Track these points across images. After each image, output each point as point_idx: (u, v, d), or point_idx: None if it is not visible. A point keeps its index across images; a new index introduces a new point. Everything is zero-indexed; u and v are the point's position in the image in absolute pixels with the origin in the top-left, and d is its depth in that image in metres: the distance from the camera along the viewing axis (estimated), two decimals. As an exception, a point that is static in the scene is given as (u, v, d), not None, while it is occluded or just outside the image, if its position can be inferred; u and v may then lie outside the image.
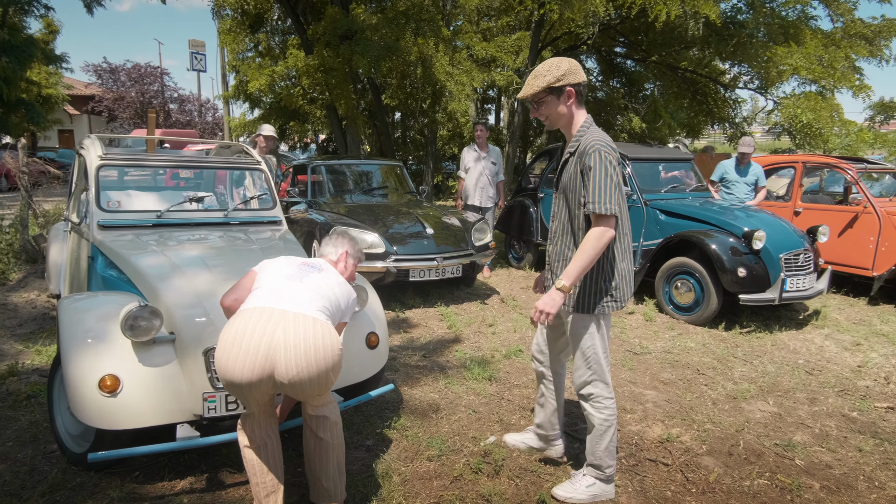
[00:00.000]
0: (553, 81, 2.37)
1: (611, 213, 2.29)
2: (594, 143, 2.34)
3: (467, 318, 5.57)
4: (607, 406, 2.57)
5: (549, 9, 9.62)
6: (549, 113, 2.45)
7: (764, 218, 5.78)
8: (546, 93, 2.41)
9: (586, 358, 2.53)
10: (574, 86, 2.40)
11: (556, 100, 2.42)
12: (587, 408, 2.60)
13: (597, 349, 2.53)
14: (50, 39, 25.15)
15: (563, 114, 2.45)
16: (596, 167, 2.30)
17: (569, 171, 2.45)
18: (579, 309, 2.49)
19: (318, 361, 2.12)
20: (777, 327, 5.48)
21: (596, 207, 2.30)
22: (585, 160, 2.33)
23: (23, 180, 6.76)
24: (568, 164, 2.47)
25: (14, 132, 19.50)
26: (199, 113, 35.96)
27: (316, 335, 2.13)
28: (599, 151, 2.32)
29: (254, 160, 4.31)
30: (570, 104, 2.43)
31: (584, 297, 2.47)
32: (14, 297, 5.44)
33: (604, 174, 2.30)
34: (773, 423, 3.53)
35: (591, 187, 2.30)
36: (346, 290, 2.46)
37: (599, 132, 2.41)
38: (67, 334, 2.53)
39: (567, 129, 2.50)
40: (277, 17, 15.20)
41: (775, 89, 10.88)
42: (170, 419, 2.48)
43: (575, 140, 2.44)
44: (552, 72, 2.38)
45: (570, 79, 2.39)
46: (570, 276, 2.34)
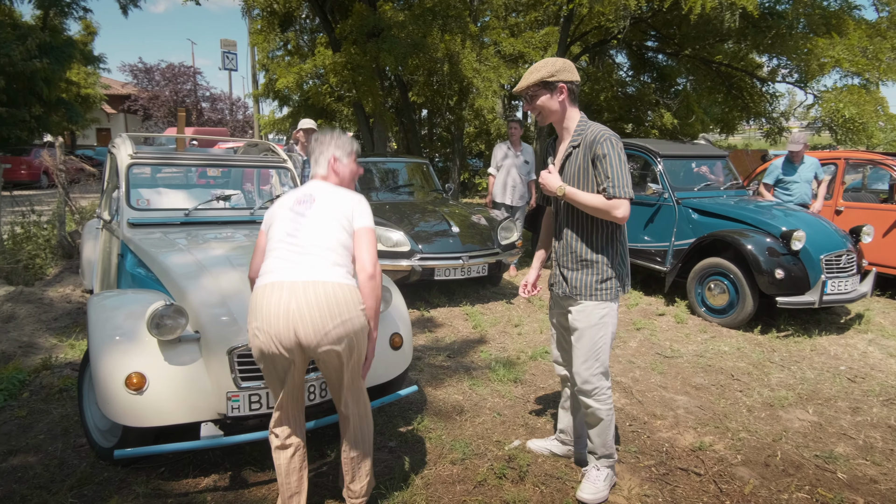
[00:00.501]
0: (546, 76, 2.45)
1: (629, 196, 2.39)
2: (602, 132, 2.43)
3: (493, 317, 5.50)
4: (609, 396, 2.62)
5: (579, 3, 9.47)
6: (541, 107, 2.51)
7: (803, 217, 5.57)
8: (539, 87, 2.48)
9: (596, 349, 2.56)
10: (567, 83, 2.47)
11: (550, 95, 2.49)
12: (591, 403, 2.60)
13: (606, 339, 2.57)
14: (88, 41, 25.82)
15: (554, 109, 2.51)
16: (611, 154, 2.39)
17: (575, 164, 2.50)
18: (595, 297, 2.53)
19: (335, 318, 2.12)
20: (817, 331, 5.29)
21: (617, 191, 2.38)
22: (597, 149, 2.40)
23: (60, 178, 6.93)
24: (572, 157, 2.52)
25: (54, 131, 20.08)
26: (231, 111, 36.56)
27: (328, 296, 2.13)
28: (610, 139, 2.41)
29: (280, 158, 4.32)
30: (562, 100, 2.49)
31: (600, 283, 2.52)
32: (50, 291, 5.57)
33: (619, 160, 2.39)
34: (813, 433, 3.39)
35: (610, 173, 2.38)
36: (345, 204, 2.30)
37: (601, 125, 2.49)
38: (96, 332, 2.56)
39: (559, 124, 2.58)
40: (306, 16, 15.32)
41: (815, 83, 10.51)
42: (194, 417, 2.49)
43: (577, 133, 2.51)
44: (546, 67, 2.47)
45: (564, 76, 2.46)
46: (573, 192, 2.44)
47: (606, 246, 2.52)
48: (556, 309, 2.77)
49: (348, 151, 2.46)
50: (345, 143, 2.46)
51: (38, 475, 2.67)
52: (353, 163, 2.49)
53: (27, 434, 3.05)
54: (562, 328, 2.78)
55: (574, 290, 2.57)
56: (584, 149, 2.47)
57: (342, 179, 2.45)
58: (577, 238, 2.55)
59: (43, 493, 2.53)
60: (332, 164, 2.42)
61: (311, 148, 2.46)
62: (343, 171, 2.45)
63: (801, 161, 6.48)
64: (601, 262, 2.52)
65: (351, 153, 2.48)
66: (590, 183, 2.46)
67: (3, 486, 2.60)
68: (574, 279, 2.57)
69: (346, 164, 2.46)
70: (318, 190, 2.34)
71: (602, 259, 2.52)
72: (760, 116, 12.63)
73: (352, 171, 2.49)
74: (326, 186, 2.37)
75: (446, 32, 10.51)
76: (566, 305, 2.65)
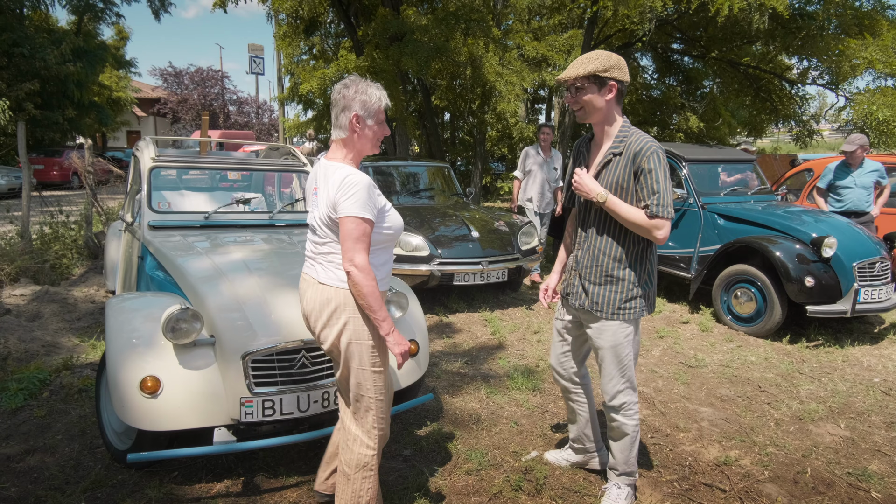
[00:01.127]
0: (599, 69, 2.27)
1: (671, 216, 2.27)
2: (649, 143, 2.28)
3: (512, 324, 5.43)
4: (636, 411, 2.54)
5: (603, 6, 9.35)
6: (586, 103, 2.34)
7: (835, 223, 5.39)
8: (589, 80, 2.30)
9: (622, 367, 2.46)
10: (619, 82, 2.31)
11: (597, 90, 2.31)
12: (618, 418, 2.52)
13: (631, 357, 2.47)
14: (121, 45, 26.48)
15: (599, 108, 2.34)
16: (657, 169, 2.26)
17: (614, 173, 2.34)
18: (619, 316, 2.41)
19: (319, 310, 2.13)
20: (849, 341, 5.11)
21: (661, 210, 2.25)
22: (643, 162, 2.26)
23: (88, 179, 7.05)
24: (610, 165, 2.36)
25: (86, 133, 20.56)
26: (257, 115, 37.10)
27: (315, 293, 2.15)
28: (658, 154, 2.27)
29: (299, 162, 4.32)
30: (609, 99, 2.33)
31: (625, 302, 2.40)
32: (75, 291, 5.67)
33: (664, 177, 2.27)
34: (845, 449, 3.25)
35: (654, 189, 2.26)
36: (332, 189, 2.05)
37: (646, 134, 2.34)
38: (113, 334, 2.56)
39: (599, 125, 2.41)
40: (331, 21, 15.44)
41: (847, 84, 10.22)
42: (208, 422, 2.48)
43: (619, 140, 2.35)
44: (600, 60, 2.29)
45: (617, 74, 2.30)
46: (613, 200, 2.30)
47: (636, 263, 2.39)
48: (568, 318, 2.64)
49: (374, 110, 2.11)
50: (372, 99, 2.10)
51: (54, 476, 2.68)
52: (379, 124, 2.14)
53: (45, 434, 3.08)
54: (566, 332, 2.67)
55: (595, 306, 2.44)
56: (626, 158, 2.31)
57: (363, 144, 2.14)
58: (606, 251, 2.40)
59: (57, 494, 2.54)
60: (353, 125, 2.10)
61: (332, 99, 2.14)
62: (366, 135, 2.13)
63: (858, 165, 6.05)
64: (628, 280, 2.38)
65: (378, 112, 2.12)
66: (629, 196, 2.32)
67: (18, 486, 2.62)
68: (596, 294, 2.43)
69: (371, 124, 2.12)
70: (322, 174, 2.13)
71: (630, 276, 2.38)
72: (790, 119, 12.33)
73: (375, 134, 2.15)
74: (329, 169, 2.11)
75: (469, 36, 10.47)
76: (585, 320, 2.53)
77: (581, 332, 2.62)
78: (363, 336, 2.11)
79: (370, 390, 2.16)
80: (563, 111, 14.52)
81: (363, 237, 2.02)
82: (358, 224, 2.00)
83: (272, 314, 2.65)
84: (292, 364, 2.59)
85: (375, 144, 2.19)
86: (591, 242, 2.45)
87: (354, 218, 2.00)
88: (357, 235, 2.00)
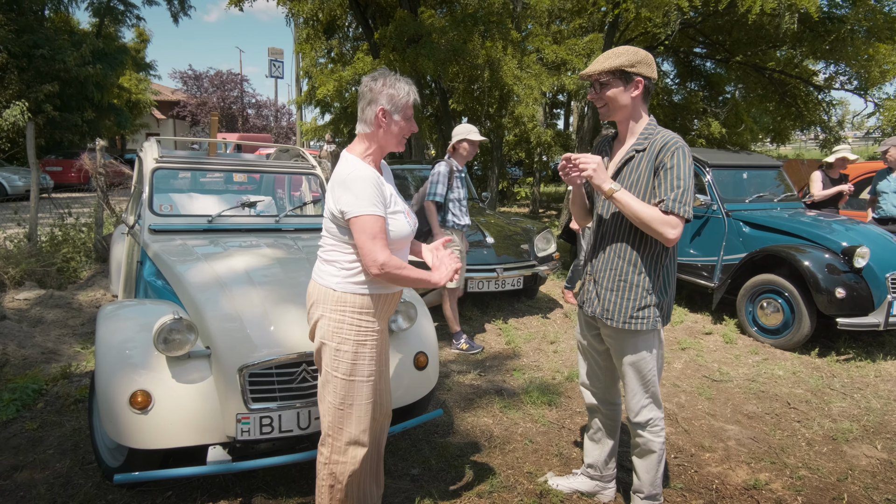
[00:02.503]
0: (626, 64, 2.13)
1: (688, 216, 2.09)
2: (675, 139, 2.12)
3: (527, 333, 5.25)
4: (662, 428, 2.38)
5: (625, 8, 9.15)
6: (610, 99, 2.19)
7: (866, 232, 5.14)
8: (615, 76, 2.16)
9: (645, 381, 2.31)
10: (645, 78, 2.16)
11: (623, 87, 2.16)
12: (644, 435, 2.37)
13: (654, 371, 2.32)
14: (141, 48, 26.80)
15: (624, 104, 2.19)
16: (680, 165, 2.09)
17: (636, 171, 2.19)
18: (630, 324, 2.24)
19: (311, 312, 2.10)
20: (881, 356, 4.85)
21: (677, 207, 2.07)
22: (664, 157, 2.10)
23: (99, 181, 7.00)
24: (632, 161, 2.21)
25: (105, 135, 20.77)
26: (275, 118, 37.30)
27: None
28: (683, 149, 2.11)
29: (308, 165, 4.19)
30: (635, 96, 2.17)
31: (637, 311, 2.23)
32: (81, 295, 5.58)
33: (687, 175, 2.09)
34: (884, 473, 3.03)
35: (673, 185, 2.08)
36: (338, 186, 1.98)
37: (673, 132, 2.17)
38: (103, 345, 2.43)
39: (624, 123, 2.26)
40: (349, 24, 15.39)
41: (877, 90, 9.90)
42: (201, 440, 2.33)
43: (643, 137, 2.20)
44: (627, 55, 2.14)
45: (644, 69, 2.15)
46: (624, 193, 2.11)
47: (651, 268, 2.21)
48: (587, 330, 2.49)
49: (402, 105, 2.01)
50: (400, 94, 2.00)
51: (41, 495, 2.55)
52: (406, 120, 2.04)
53: (36, 448, 2.95)
54: (593, 351, 2.51)
55: (606, 314, 2.28)
56: (649, 154, 2.16)
57: (387, 140, 2.05)
58: (620, 254, 2.24)
59: (45, 513, 2.42)
60: (378, 119, 2.00)
61: (360, 92, 2.05)
62: (392, 131, 2.03)
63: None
64: (641, 286, 2.21)
65: (406, 107, 2.02)
66: (647, 195, 2.16)
67: (5, 504, 2.50)
68: (608, 300, 2.27)
69: (397, 121, 2.03)
70: (335, 177, 2.04)
71: (644, 282, 2.21)
72: (815, 125, 11.99)
73: (401, 130, 2.05)
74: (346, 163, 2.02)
75: (487, 39, 10.33)
76: (603, 333, 2.38)
77: (606, 346, 2.44)
78: (331, 337, 2.04)
79: (329, 394, 2.07)
80: (582, 116, 14.29)
81: (380, 234, 1.95)
82: (372, 221, 1.93)
83: (272, 325, 2.50)
84: (292, 378, 2.44)
85: (401, 142, 2.09)
86: (606, 245, 2.30)
87: (357, 217, 1.93)
88: (374, 232, 1.93)
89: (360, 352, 2.04)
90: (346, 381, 2.04)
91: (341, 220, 1.99)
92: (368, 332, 2.06)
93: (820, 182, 6.35)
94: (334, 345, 2.03)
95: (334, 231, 2.05)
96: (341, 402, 2.06)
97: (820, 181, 6.36)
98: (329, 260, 2.07)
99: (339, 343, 2.02)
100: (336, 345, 2.02)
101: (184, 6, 20.02)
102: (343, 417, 2.08)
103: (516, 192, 17.20)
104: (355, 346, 2.03)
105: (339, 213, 1.97)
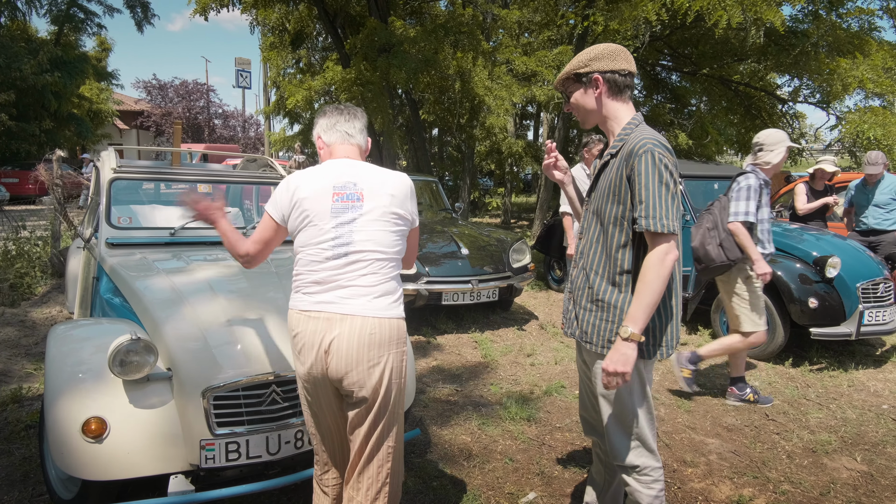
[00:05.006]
0: (577, 67, 1.94)
1: (670, 230, 1.77)
2: (644, 140, 1.82)
3: (503, 346, 5.15)
4: (657, 479, 1.99)
5: (593, 21, 9.24)
6: (575, 106, 2.01)
7: (836, 242, 5.21)
8: (571, 80, 1.98)
9: (624, 417, 1.98)
10: (604, 73, 1.91)
11: (583, 90, 1.96)
12: (631, 483, 2.01)
13: (637, 406, 1.97)
14: (103, 57, 26.11)
15: (591, 108, 1.97)
16: (647, 172, 1.79)
17: (608, 177, 1.93)
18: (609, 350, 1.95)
19: (370, 351, 1.85)
20: (853, 365, 4.89)
21: (651, 224, 1.78)
22: (633, 162, 1.82)
23: (56, 192, 6.68)
24: (608, 167, 1.95)
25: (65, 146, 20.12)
26: (243, 128, 36.78)
27: (372, 331, 1.85)
28: (652, 152, 1.80)
29: (277, 175, 4.04)
30: (598, 95, 1.94)
31: (614, 336, 1.93)
32: (35, 312, 5.29)
33: (657, 180, 1.79)
34: (865, 486, 3.01)
35: (643, 197, 1.79)
36: (396, 189, 1.98)
37: (651, 130, 1.90)
38: (53, 368, 2.25)
39: (604, 125, 2.01)
40: (318, 34, 15.25)
41: (838, 103, 10.19)
42: (162, 469, 2.16)
43: (618, 139, 1.93)
44: (580, 57, 1.95)
45: (599, 65, 1.91)
46: (636, 319, 1.79)
47: (631, 284, 1.91)
48: (579, 353, 2.21)
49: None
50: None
51: (-15, 532, 2.35)
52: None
53: (-20, 480, 2.73)
54: (585, 377, 2.21)
55: (584, 336, 2.00)
56: (620, 159, 1.89)
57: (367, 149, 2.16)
58: (598, 269, 1.95)
59: (-12, 552, 2.21)
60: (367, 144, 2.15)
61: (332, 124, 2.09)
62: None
63: (876, 183, 5.88)
64: (620, 307, 1.90)
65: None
66: (621, 205, 1.88)
67: (-57, 543, 2.28)
68: (586, 322, 1.98)
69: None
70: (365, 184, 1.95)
71: (624, 301, 1.90)
72: (778, 137, 12.29)
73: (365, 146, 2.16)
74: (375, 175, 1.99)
75: (458, 49, 10.31)
76: (585, 357, 2.12)
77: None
78: (400, 374, 1.96)
79: (392, 438, 1.96)
80: (552, 127, 14.39)
81: None
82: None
83: (239, 344, 2.35)
84: (261, 400, 2.29)
85: None
86: (585, 258, 2.02)
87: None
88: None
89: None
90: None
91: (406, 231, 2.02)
92: None
93: (804, 195, 6.20)
94: (401, 381, 1.94)
95: (400, 247, 1.99)
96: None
97: (804, 194, 6.21)
98: (392, 289, 1.94)
99: (403, 377, 1.95)
100: (402, 381, 1.94)
101: (147, 15, 19.62)
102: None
103: (488, 203, 17.23)
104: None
105: (412, 221, 2.03)
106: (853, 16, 9.73)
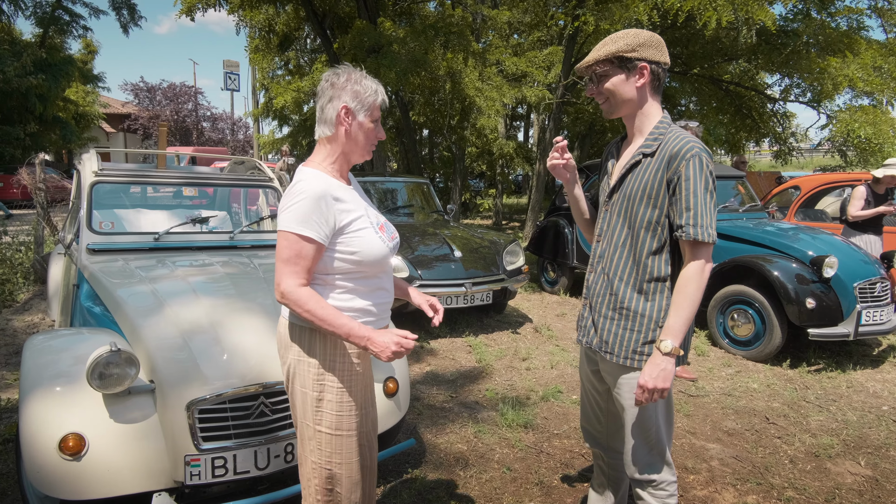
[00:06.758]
0: (624, 49, 1.76)
1: (713, 240, 1.72)
2: (689, 146, 1.72)
3: (498, 350, 5.07)
4: (672, 493, 1.92)
5: (584, 21, 9.20)
6: (611, 92, 1.82)
7: (833, 242, 5.17)
8: (612, 64, 1.79)
9: (647, 432, 1.88)
10: (652, 63, 1.77)
11: (624, 77, 1.79)
12: (646, 497, 1.93)
13: (660, 420, 1.89)
14: (89, 59, 25.77)
15: (628, 98, 1.81)
16: (696, 178, 1.71)
17: (643, 178, 1.80)
18: (636, 362, 1.84)
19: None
20: (850, 365, 4.85)
21: (699, 233, 1.70)
22: (678, 166, 1.72)
23: (39, 197, 6.52)
24: (639, 166, 1.82)
25: (51, 149, 19.83)
26: (232, 131, 36.52)
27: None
28: (700, 157, 1.71)
29: (265, 177, 3.93)
30: (641, 86, 1.80)
31: (643, 345, 1.83)
32: (16, 320, 5.13)
33: (704, 188, 1.71)
34: (871, 491, 2.94)
35: (691, 205, 1.71)
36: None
37: (686, 132, 1.79)
38: (28, 381, 2.13)
39: (631, 119, 1.87)
40: (306, 35, 15.13)
41: (828, 102, 10.20)
42: (144, 487, 2.05)
43: (653, 137, 1.81)
44: (625, 38, 1.77)
45: (648, 53, 1.77)
46: (676, 333, 1.72)
47: (663, 294, 1.82)
48: (587, 364, 2.10)
49: (368, 104, 1.73)
50: (367, 91, 1.72)
51: (-44, 556, 2.22)
52: (372, 122, 1.75)
53: (-47, 499, 2.61)
54: (592, 390, 2.12)
55: (605, 346, 1.89)
56: (659, 160, 1.77)
57: (351, 146, 1.76)
58: (623, 275, 1.86)
59: (-40, 578, 2.09)
60: (341, 118, 1.72)
61: (320, 88, 1.76)
62: (355, 133, 1.74)
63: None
64: (648, 316, 1.81)
65: (373, 107, 1.74)
66: (658, 209, 1.78)
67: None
68: (607, 331, 1.89)
69: (363, 122, 1.74)
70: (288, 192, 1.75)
71: (653, 311, 1.81)
72: (768, 137, 12.31)
73: (367, 135, 1.76)
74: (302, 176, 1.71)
75: (448, 50, 10.24)
76: (601, 368, 2.00)
77: (608, 385, 2.02)
78: (306, 383, 1.77)
79: (313, 452, 1.78)
80: (543, 128, 14.33)
81: (297, 259, 1.63)
82: (283, 237, 1.64)
83: (225, 354, 2.24)
84: (249, 413, 2.19)
85: (368, 149, 1.80)
86: (606, 262, 1.90)
87: (281, 232, 1.65)
88: (285, 249, 1.64)
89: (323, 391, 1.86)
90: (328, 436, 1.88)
91: None
92: None
93: (862, 200, 5.76)
94: (302, 390, 1.84)
95: None
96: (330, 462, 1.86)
97: (863, 198, 5.77)
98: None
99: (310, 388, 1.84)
100: (304, 389, 1.84)
101: (134, 17, 19.36)
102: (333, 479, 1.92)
103: (479, 204, 17.14)
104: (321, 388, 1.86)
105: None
106: (842, 15, 9.76)
